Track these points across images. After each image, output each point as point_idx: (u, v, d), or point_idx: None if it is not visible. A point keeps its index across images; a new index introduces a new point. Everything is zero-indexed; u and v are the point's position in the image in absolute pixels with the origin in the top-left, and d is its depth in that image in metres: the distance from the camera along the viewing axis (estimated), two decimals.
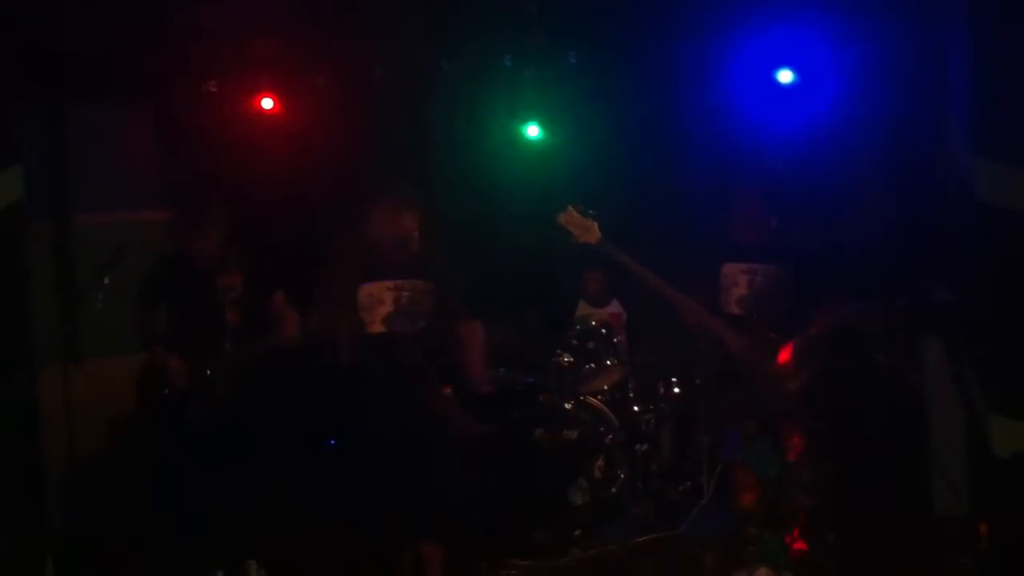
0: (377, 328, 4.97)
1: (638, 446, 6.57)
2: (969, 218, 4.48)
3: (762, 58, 6.33)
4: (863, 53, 5.75)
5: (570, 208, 5.14)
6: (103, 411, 5.96)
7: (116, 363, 5.81)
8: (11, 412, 4.45)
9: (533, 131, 6.95)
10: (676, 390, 6.72)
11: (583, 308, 7.11)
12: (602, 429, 6.49)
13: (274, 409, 5.86)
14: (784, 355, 4.96)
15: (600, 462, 6.44)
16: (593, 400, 6.58)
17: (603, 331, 6.74)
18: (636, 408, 6.66)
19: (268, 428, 5.74)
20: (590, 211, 5.13)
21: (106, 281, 5.29)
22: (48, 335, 4.99)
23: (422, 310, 5.00)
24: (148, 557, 5.42)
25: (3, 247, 4.54)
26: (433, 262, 5.08)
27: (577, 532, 6.05)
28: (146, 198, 6.30)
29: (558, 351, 6.67)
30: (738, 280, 5.15)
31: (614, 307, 7.08)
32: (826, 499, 4.99)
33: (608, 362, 6.69)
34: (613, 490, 6.40)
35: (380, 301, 4.97)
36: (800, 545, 4.96)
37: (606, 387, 6.65)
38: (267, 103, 6.90)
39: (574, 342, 6.71)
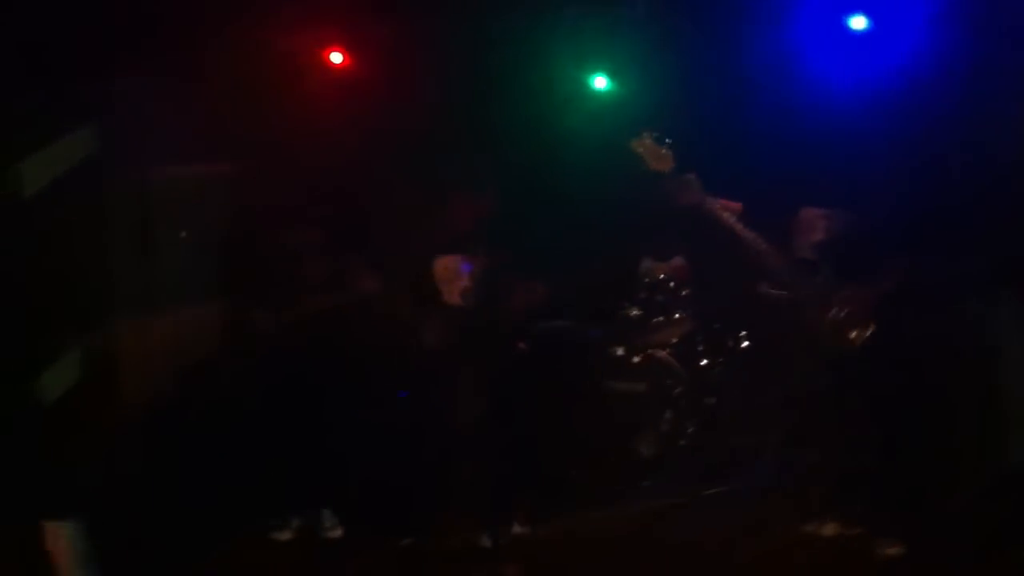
0: (454, 300, 4.99)
1: (706, 399, 6.57)
2: None
3: (834, 3, 6.19)
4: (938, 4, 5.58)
5: (645, 134, 5.06)
6: (181, 361, 6.07)
7: (198, 315, 5.91)
8: (92, 362, 4.57)
9: (601, 82, 6.89)
10: (745, 343, 6.71)
11: (648, 261, 7.08)
12: (670, 382, 6.49)
13: (348, 361, 5.91)
14: (852, 304, 4.84)
15: (668, 415, 6.46)
16: (661, 353, 6.57)
17: (671, 284, 6.72)
18: (704, 361, 6.67)
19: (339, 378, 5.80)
20: (667, 140, 5.04)
21: (184, 235, 5.43)
22: (128, 286, 5.13)
23: (496, 282, 5.02)
24: (224, 505, 5.55)
25: (82, 201, 4.65)
26: (499, 232, 5.13)
27: (645, 484, 6.08)
28: (223, 152, 6.35)
29: (625, 304, 6.68)
30: (816, 225, 5.04)
31: (679, 260, 7.03)
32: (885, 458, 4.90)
33: (676, 315, 6.68)
34: (682, 442, 6.42)
35: (458, 275, 5.04)
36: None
37: (674, 340, 6.64)
38: (336, 57, 6.92)
39: (641, 295, 6.71)
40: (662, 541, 5.41)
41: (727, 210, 5.02)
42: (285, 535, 5.61)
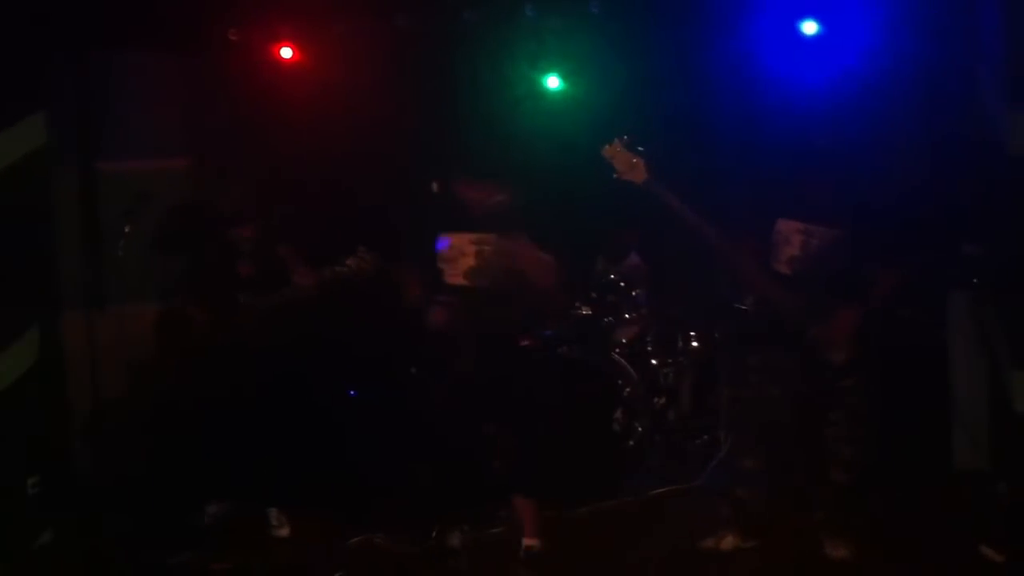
0: (458, 280, 4.90)
1: (656, 399, 6.59)
2: (999, 172, 4.43)
3: (785, 7, 6.24)
4: (891, 2, 5.64)
5: (617, 140, 4.66)
6: (127, 356, 5.97)
7: (140, 309, 5.83)
8: (36, 357, 4.48)
9: (553, 82, 6.88)
10: (695, 344, 6.75)
11: (602, 261, 7.10)
12: (621, 382, 6.50)
13: (298, 359, 5.85)
14: (838, 323, 4.61)
15: (619, 415, 6.46)
16: (612, 353, 6.58)
17: (622, 284, 6.74)
18: (655, 362, 6.68)
19: (289, 379, 5.74)
20: (639, 147, 4.67)
21: (127, 229, 5.35)
22: (72, 281, 5.03)
23: (503, 264, 4.88)
24: (166, 502, 5.47)
25: (27, 193, 4.56)
26: (513, 215, 4.96)
27: (594, 484, 6.07)
28: (171, 147, 6.27)
29: (577, 304, 6.68)
30: (792, 239, 4.71)
31: (633, 260, 7.06)
32: (863, 474, 4.83)
33: (627, 315, 6.70)
34: (631, 443, 6.43)
35: (463, 253, 4.88)
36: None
37: (625, 340, 6.66)
38: (286, 52, 6.84)
39: (593, 295, 6.72)
40: (608, 541, 5.41)
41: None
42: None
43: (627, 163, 4.65)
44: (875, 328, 4.64)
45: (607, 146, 4.68)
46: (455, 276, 4.88)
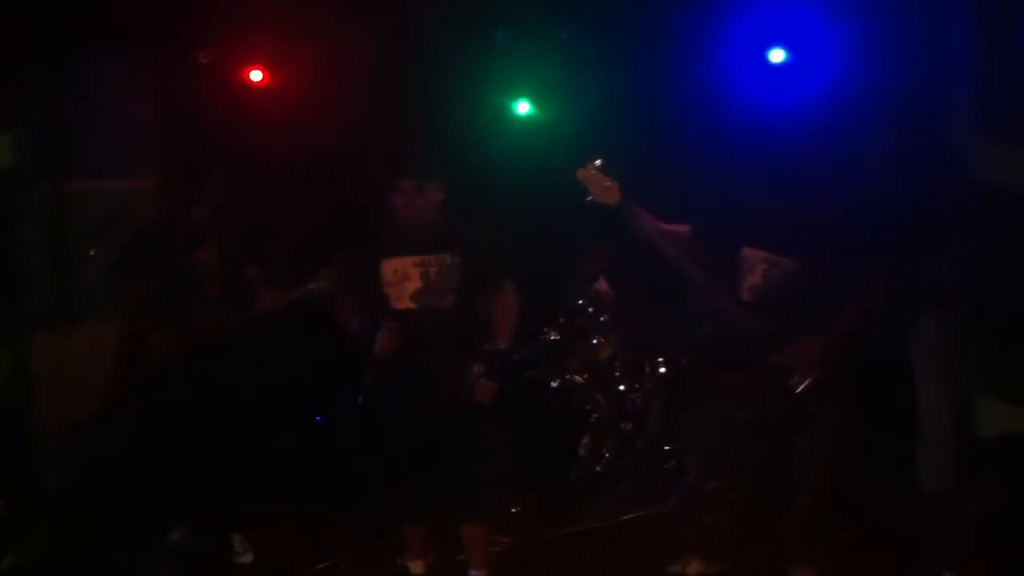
0: (405, 304, 4.88)
1: (623, 424, 6.60)
2: (968, 196, 4.50)
3: (753, 36, 6.31)
4: (859, 29, 5.71)
5: (591, 164, 4.67)
6: (97, 376, 5.90)
7: (110, 330, 5.76)
8: (5, 378, 4.42)
9: (523, 107, 6.92)
10: (662, 369, 6.77)
11: (572, 285, 7.11)
12: (588, 407, 6.51)
13: (255, 382, 5.81)
14: (802, 350, 4.63)
15: (586, 440, 6.46)
16: (579, 378, 6.59)
17: (590, 309, 6.76)
18: (622, 387, 6.70)
19: (251, 401, 5.70)
20: (612, 170, 4.67)
21: (93, 253, 5.30)
22: (43, 300, 4.96)
23: (450, 285, 4.88)
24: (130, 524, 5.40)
25: None
26: (460, 234, 4.93)
27: (563, 508, 6.05)
28: (142, 167, 6.22)
29: (545, 328, 6.69)
30: (755, 267, 4.74)
31: (602, 284, 7.09)
32: (826, 499, 4.83)
33: (595, 340, 6.71)
34: (598, 468, 6.43)
35: (407, 277, 4.85)
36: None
37: (592, 365, 6.67)
38: (256, 75, 6.84)
39: (562, 319, 6.74)
40: (573, 567, 5.40)
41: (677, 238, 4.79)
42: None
43: (601, 186, 4.67)
44: (840, 355, 4.67)
45: (581, 169, 4.70)
46: (402, 300, 4.87)
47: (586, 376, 6.61)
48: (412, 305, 4.86)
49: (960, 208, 4.75)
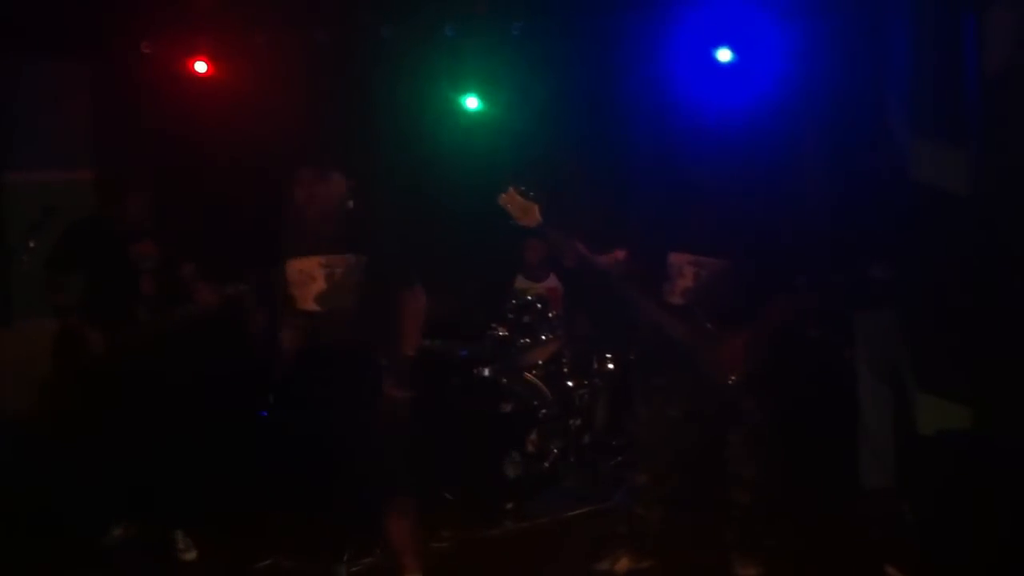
0: (309, 306, 4.73)
1: (571, 420, 6.61)
2: (905, 197, 4.54)
3: (701, 36, 6.33)
4: (802, 31, 5.75)
5: (511, 189, 4.97)
6: (33, 373, 5.82)
7: (47, 325, 5.68)
8: None
9: (472, 103, 6.90)
10: (610, 365, 6.79)
11: (521, 281, 7.13)
12: (536, 403, 6.50)
13: (193, 378, 5.74)
14: (728, 348, 4.74)
15: (533, 436, 6.46)
16: (527, 374, 6.59)
17: (539, 305, 6.76)
18: (570, 383, 6.71)
19: (186, 397, 5.63)
20: (531, 192, 4.95)
21: (32, 244, 5.21)
22: None
23: (354, 285, 4.73)
24: (70, 521, 5.33)
25: None
26: (367, 232, 4.80)
27: (509, 505, 6.05)
28: (78, 159, 6.14)
29: (494, 324, 6.68)
30: (684, 271, 4.86)
31: (551, 281, 7.09)
32: (764, 494, 4.88)
33: (543, 336, 6.71)
34: (546, 464, 6.43)
35: (312, 278, 4.70)
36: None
37: (540, 361, 6.67)
38: (200, 67, 6.76)
39: (510, 316, 6.73)
40: (507, 565, 5.37)
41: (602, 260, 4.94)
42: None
43: (521, 209, 4.95)
44: (771, 351, 4.76)
45: (503, 195, 4.97)
46: (306, 302, 4.75)
47: (534, 372, 6.61)
48: (316, 308, 4.72)
49: (900, 208, 4.80)
